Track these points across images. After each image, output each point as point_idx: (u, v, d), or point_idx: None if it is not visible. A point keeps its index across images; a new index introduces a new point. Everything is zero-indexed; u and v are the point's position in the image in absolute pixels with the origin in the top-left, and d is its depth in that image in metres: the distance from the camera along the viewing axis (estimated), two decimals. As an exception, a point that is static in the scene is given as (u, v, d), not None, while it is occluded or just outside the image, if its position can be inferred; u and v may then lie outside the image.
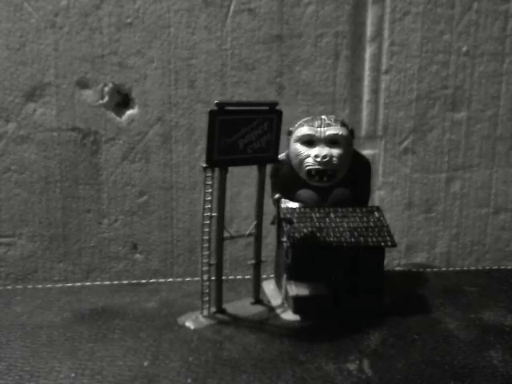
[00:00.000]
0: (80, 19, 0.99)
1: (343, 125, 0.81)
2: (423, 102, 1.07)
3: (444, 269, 1.01)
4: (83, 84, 1.01)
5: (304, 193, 0.81)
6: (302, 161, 0.80)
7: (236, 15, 1.01)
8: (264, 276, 0.88)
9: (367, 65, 1.05)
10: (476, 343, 0.67)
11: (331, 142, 0.79)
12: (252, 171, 1.05)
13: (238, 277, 0.91)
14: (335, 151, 0.79)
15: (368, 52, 1.05)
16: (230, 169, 0.71)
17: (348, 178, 0.81)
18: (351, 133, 0.82)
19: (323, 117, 0.81)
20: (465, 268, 1.02)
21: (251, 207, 0.88)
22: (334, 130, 0.79)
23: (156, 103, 1.02)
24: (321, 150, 0.78)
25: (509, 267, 0.98)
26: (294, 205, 0.81)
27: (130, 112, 1.03)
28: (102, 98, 1.02)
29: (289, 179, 0.82)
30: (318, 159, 0.78)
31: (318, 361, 0.63)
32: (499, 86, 1.08)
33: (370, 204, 0.85)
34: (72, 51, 0.99)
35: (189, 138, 1.04)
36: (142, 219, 1.06)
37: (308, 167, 0.79)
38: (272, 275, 0.88)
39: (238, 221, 1.07)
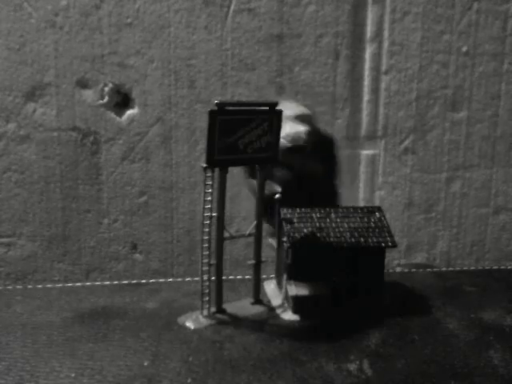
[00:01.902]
0: (80, 19, 0.99)
1: (305, 106, 0.86)
2: (423, 101, 1.07)
3: (444, 269, 1.01)
4: (83, 84, 1.01)
5: (277, 171, 0.83)
6: None
7: (236, 15, 1.01)
8: (264, 276, 0.87)
9: (367, 65, 1.05)
10: (476, 343, 0.67)
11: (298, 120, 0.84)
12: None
13: (238, 277, 0.91)
14: (302, 128, 0.82)
15: (368, 52, 1.05)
16: (230, 169, 0.71)
17: (317, 152, 0.84)
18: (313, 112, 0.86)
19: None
20: (465, 268, 1.02)
21: (251, 207, 0.88)
22: (299, 111, 0.84)
23: (156, 103, 1.02)
24: (290, 128, 0.82)
25: (509, 267, 0.98)
26: (277, 187, 0.83)
27: (129, 112, 1.03)
28: (102, 98, 1.02)
29: None
30: (288, 138, 0.81)
31: (318, 361, 0.63)
32: (499, 86, 1.08)
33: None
34: (72, 51, 0.99)
35: (189, 138, 1.04)
36: (142, 219, 1.06)
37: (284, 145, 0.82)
38: (272, 275, 0.88)
39: (238, 221, 1.07)
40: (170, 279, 0.93)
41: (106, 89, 1.01)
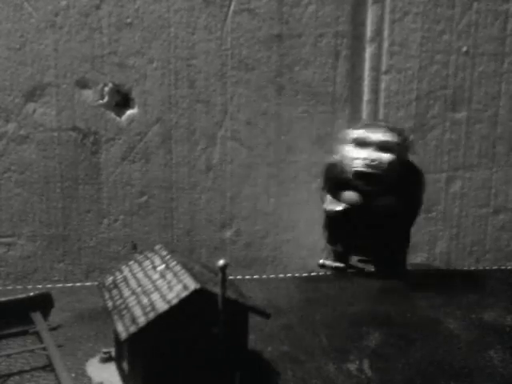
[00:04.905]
0: (80, 19, 0.99)
1: (400, 134, 0.84)
2: (423, 101, 1.07)
3: (444, 269, 1.01)
4: (83, 84, 1.01)
5: (348, 194, 0.83)
6: (351, 162, 0.83)
7: (236, 15, 1.01)
8: (264, 276, 0.88)
9: (367, 65, 1.05)
10: (476, 343, 0.67)
11: (383, 147, 0.82)
12: (252, 171, 1.05)
13: (237, 277, 0.91)
14: (385, 156, 0.81)
15: (368, 52, 1.05)
16: (230, 168, 0.71)
17: (397, 187, 0.83)
18: (405, 142, 0.85)
19: (381, 122, 0.88)
20: (465, 268, 1.02)
21: (251, 207, 0.88)
22: (387, 137, 0.83)
23: (156, 103, 1.02)
24: (370, 154, 0.81)
25: (509, 267, 0.98)
26: (339, 206, 0.83)
27: (129, 112, 1.03)
28: (102, 98, 1.02)
29: (339, 180, 0.86)
30: (367, 162, 0.80)
31: (318, 361, 0.63)
32: (499, 86, 1.08)
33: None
34: (72, 51, 0.99)
35: (189, 138, 1.04)
36: (142, 219, 1.06)
37: (355, 168, 0.81)
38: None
39: (237, 221, 1.07)
40: (170, 279, 0.93)
41: (106, 89, 1.01)
